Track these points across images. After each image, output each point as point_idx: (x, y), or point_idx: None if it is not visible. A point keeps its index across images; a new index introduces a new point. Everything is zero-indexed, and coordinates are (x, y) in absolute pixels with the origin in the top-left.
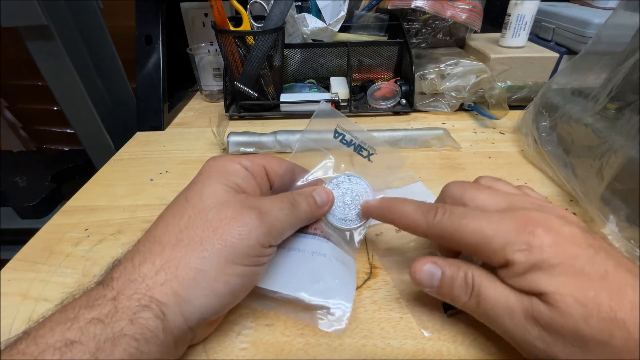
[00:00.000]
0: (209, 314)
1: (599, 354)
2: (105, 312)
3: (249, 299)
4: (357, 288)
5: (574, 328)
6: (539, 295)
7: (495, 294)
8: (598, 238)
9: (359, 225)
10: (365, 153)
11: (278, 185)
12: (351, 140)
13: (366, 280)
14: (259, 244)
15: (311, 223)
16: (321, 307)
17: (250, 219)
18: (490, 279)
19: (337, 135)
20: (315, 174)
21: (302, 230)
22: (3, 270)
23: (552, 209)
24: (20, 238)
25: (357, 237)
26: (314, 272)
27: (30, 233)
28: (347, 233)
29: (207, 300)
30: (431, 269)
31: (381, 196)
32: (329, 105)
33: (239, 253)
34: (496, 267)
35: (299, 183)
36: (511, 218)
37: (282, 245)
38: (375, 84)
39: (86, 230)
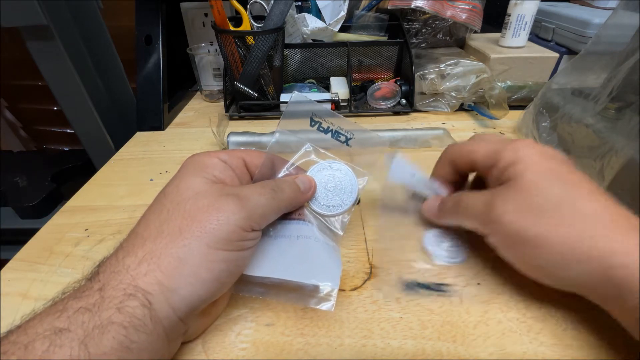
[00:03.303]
0: (196, 302)
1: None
2: (92, 301)
3: (238, 288)
4: (357, 288)
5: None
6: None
7: (471, 194)
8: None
9: (343, 211)
10: (343, 138)
11: (258, 176)
12: (328, 127)
13: (366, 280)
14: (240, 228)
15: (295, 210)
16: (309, 287)
17: (227, 205)
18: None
19: (313, 123)
20: (296, 163)
21: (287, 217)
22: (3, 270)
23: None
24: (20, 238)
25: (341, 223)
26: (300, 254)
27: (30, 233)
28: (332, 219)
29: (192, 288)
30: (434, 202)
31: (365, 178)
32: (301, 95)
33: (219, 239)
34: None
35: (281, 173)
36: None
37: (268, 234)
38: (375, 84)
39: (86, 230)
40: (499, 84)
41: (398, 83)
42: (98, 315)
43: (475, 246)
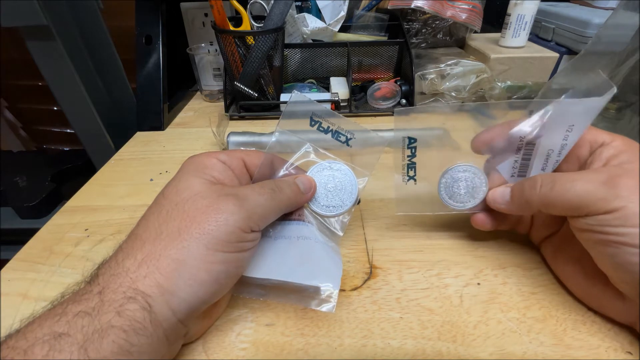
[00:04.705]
0: (196, 304)
1: None
2: (91, 305)
3: (238, 289)
4: (357, 288)
5: None
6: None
7: (571, 174)
8: None
9: (343, 211)
10: (343, 138)
11: (257, 177)
12: (328, 127)
13: (366, 280)
14: (239, 229)
15: (295, 210)
16: (310, 288)
17: (226, 206)
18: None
19: (313, 123)
20: (296, 163)
21: (287, 218)
22: (3, 270)
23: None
24: (20, 238)
25: (341, 223)
26: (301, 255)
27: (30, 233)
28: (332, 220)
29: (191, 289)
30: (502, 189)
31: (365, 178)
32: (301, 94)
33: (218, 240)
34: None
35: (280, 173)
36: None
37: (268, 234)
38: (375, 84)
39: (86, 230)
40: (499, 84)
41: (398, 83)
42: (98, 319)
43: (475, 246)
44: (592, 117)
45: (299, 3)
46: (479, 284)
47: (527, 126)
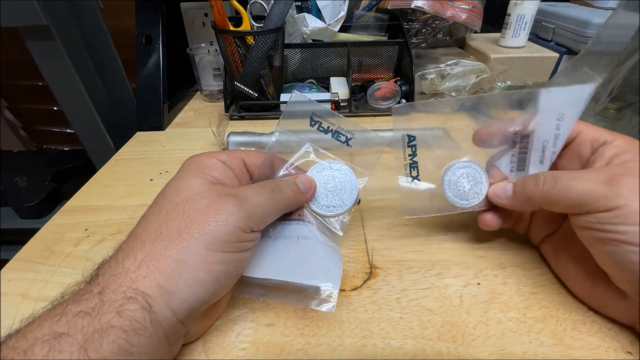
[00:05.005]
0: (196, 304)
1: None
2: (91, 305)
3: (238, 289)
4: (357, 288)
5: None
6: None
7: (573, 172)
8: None
9: (343, 211)
10: (343, 138)
11: (257, 177)
12: (328, 127)
13: (366, 280)
14: (239, 229)
15: (295, 210)
16: (310, 288)
17: (226, 206)
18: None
19: (313, 123)
20: (296, 163)
21: (287, 218)
22: (3, 270)
23: None
24: (20, 238)
25: (341, 223)
26: (301, 255)
27: (30, 233)
28: (332, 220)
29: (191, 290)
30: (504, 184)
31: (365, 178)
32: (301, 94)
33: (218, 240)
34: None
35: (280, 173)
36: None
37: (268, 234)
38: (375, 84)
39: (86, 230)
40: (499, 84)
41: (398, 83)
42: (98, 319)
43: (475, 246)
44: (581, 105)
45: (299, 3)
46: (479, 284)
47: (520, 120)
